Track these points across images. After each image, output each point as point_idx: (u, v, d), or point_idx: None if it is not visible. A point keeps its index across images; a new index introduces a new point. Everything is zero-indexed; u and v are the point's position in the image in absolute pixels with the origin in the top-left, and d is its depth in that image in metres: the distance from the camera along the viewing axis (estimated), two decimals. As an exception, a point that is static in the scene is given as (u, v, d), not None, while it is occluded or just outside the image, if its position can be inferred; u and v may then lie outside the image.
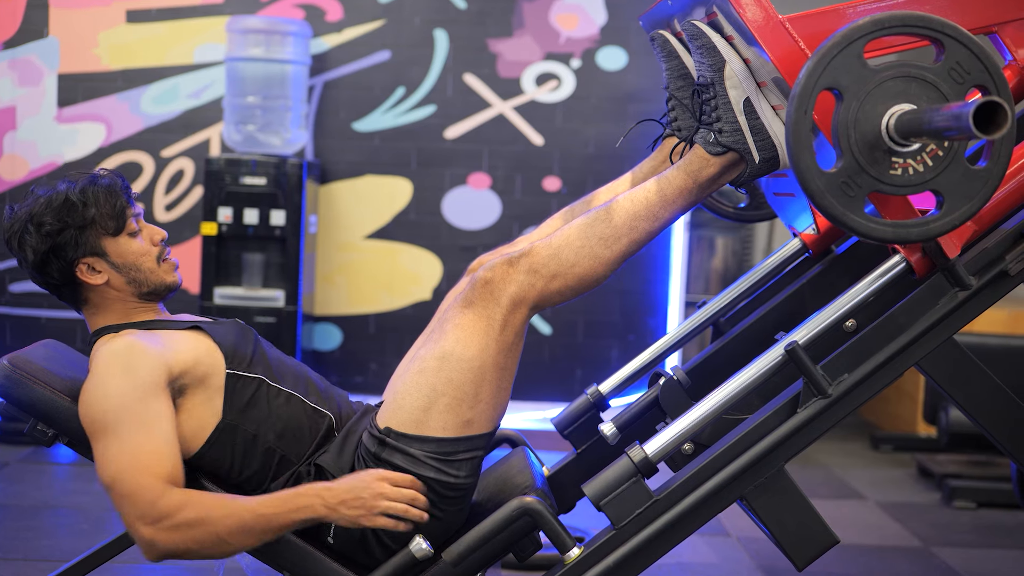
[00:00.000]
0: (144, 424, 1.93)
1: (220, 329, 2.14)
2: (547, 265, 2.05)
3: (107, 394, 1.95)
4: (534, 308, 2.08)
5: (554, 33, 4.64)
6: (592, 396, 2.63)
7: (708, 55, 2.07)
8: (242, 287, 4.26)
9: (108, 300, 2.13)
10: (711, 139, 2.09)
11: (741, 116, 2.07)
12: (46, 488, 3.83)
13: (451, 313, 2.07)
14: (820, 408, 1.99)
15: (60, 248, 2.07)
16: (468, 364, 2.03)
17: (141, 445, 1.91)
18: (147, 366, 1.98)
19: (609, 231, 2.08)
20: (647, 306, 4.71)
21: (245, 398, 2.08)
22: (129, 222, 2.12)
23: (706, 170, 2.10)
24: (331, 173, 4.65)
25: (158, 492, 1.89)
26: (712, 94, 2.08)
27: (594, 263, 2.07)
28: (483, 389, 2.05)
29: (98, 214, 2.08)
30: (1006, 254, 2.03)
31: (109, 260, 2.10)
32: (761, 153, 2.08)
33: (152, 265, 2.13)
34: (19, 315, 4.59)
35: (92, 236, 2.08)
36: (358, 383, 4.64)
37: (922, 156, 1.77)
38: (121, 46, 4.57)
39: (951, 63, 1.75)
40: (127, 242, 2.11)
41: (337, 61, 4.63)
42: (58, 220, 2.07)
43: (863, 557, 3.34)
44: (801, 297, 2.57)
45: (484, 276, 2.05)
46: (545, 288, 2.06)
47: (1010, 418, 2.10)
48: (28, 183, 4.56)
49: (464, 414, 2.05)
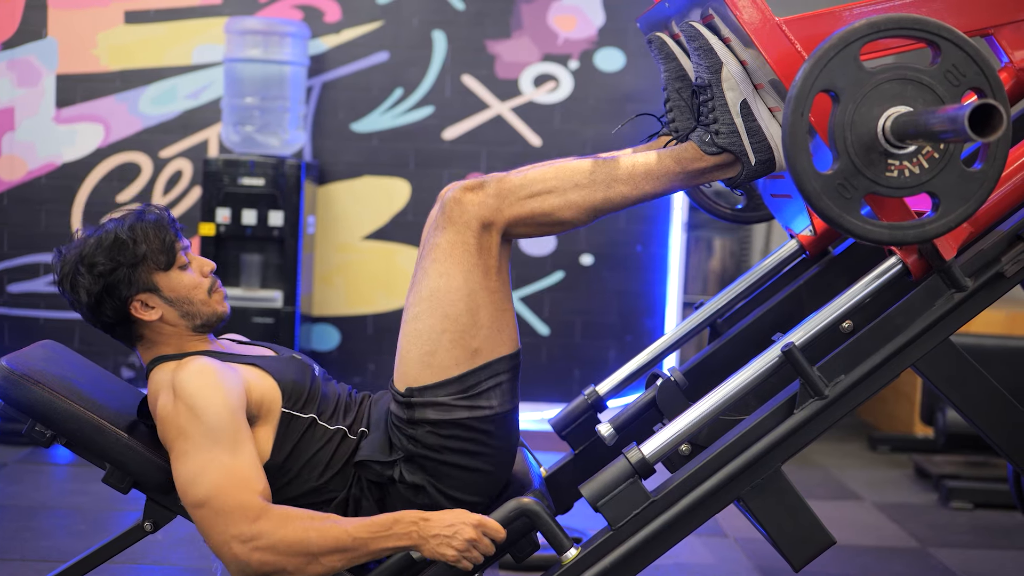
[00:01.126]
0: (238, 442, 1.94)
1: (279, 365, 2.13)
2: (515, 192, 2.05)
3: (198, 410, 1.94)
4: (504, 234, 2.07)
5: (552, 34, 4.64)
6: (590, 397, 2.63)
7: (705, 57, 2.08)
8: (240, 288, 4.26)
9: (163, 335, 2.13)
10: (707, 139, 2.09)
11: (738, 118, 2.07)
12: (44, 489, 3.83)
13: (428, 247, 2.07)
14: (817, 409, 2.00)
15: (113, 287, 2.07)
16: (456, 294, 2.03)
17: (237, 462, 1.92)
18: (234, 387, 1.98)
19: (586, 180, 2.08)
20: (645, 307, 4.71)
21: (294, 441, 2.07)
22: (179, 256, 2.12)
23: (697, 162, 2.10)
24: (329, 174, 4.66)
25: (258, 510, 1.89)
26: (709, 96, 2.09)
27: (564, 203, 2.07)
28: (480, 314, 2.05)
29: (149, 250, 2.08)
30: (1002, 256, 2.03)
31: (162, 295, 2.10)
32: (757, 155, 2.09)
33: (204, 297, 2.13)
34: (17, 316, 4.59)
35: (144, 273, 2.08)
36: (357, 383, 4.64)
37: (918, 158, 1.77)
38: (119, 47, 4.57)
39: (947, 65, 1.75)
40: (178, 276, 2.12)
41: (335, 62, 4.63)
42: (109, 259, 2.07)
43: (860, 558, 3.34)
44: (798, 298, 2.57)
45: (454, 196, 2.05)
46: (513, 215, 2.05)
47: (1006, 419, 2.10)
48: (26, 184, 4.56)
49: (470, 343, 2.04)
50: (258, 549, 1.88)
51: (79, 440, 2.06)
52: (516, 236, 2.10)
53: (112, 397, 2.19)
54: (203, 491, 1.90)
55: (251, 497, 1.90)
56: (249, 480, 1.92)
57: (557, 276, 4.69)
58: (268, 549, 1.88)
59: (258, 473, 1.95)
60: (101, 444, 2.06)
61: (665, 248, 4.69)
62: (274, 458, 2.05)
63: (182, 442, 1.94)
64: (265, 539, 1.88)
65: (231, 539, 1.89)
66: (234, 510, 1.89)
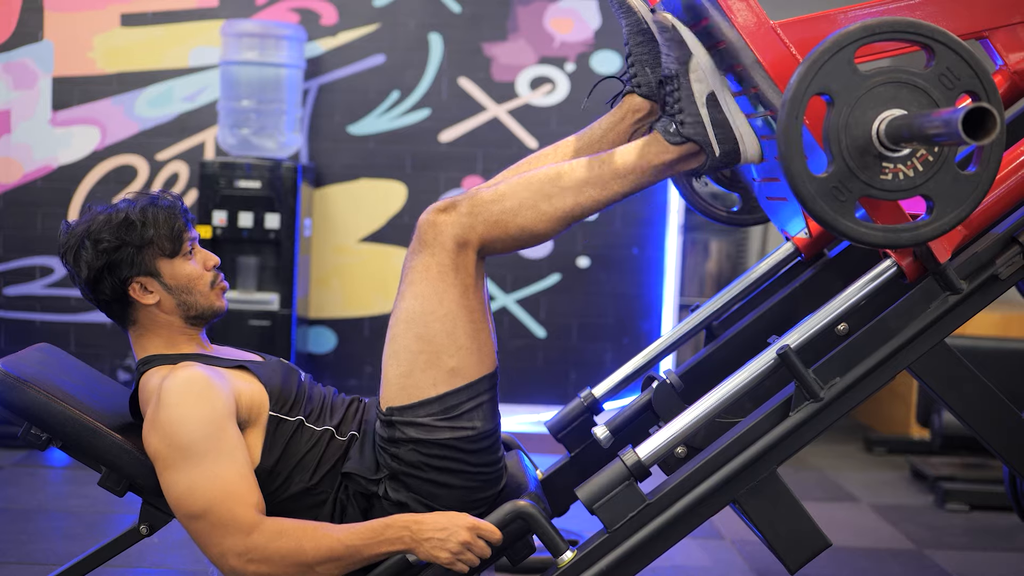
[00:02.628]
0: (228, 453, 1.94)
1: (266, 370, 2.13)
2: (488, 209, 2.05)
3: (187, 422, 1.94)
4: (480, 251, 2.07)
5: (548, 37, 4.65)
6: (586, 400, 2.63)
7: (675, 48, 2.08)
8: (237, 290, 4.26)
9: (156, 323, 2.13)
10: (672, 129, 2.09)
11: (703, 109, 2.07)
12: (40, 492, 3.83)
13: (405, 270, 2.08)
14: (812, 412, 2.00)
15: (115, 265, 2.08)
16: (432, 315, 2.03)
17: (229, 474, 1.92)
18: (221, 396, 1.98)
19: (556, 190, 2.07)
20: (641, 309, 4.71)
21: (283, 444, 2.07)
22: (185, 245, 2.12)
23: (663, 155, 2.10)
24: (326, 176, 4.66)
25: (252, 524, 1.90)
26: (676, 86, 2.09)
27: (536, 217, 2.06)
28: (457, 334, 2.04)
29: (156, 235, 2.09)
30: (996, 258, 2.04)
31: (162, 281, 2.11)
32: (722, 146, 2.08)
33: (204, 289, 2.13)
34: (13, 318, 4.58)
35: (148, 256, 2.09)
36: (353, 386, 4.64)
37: (912, 161, 1.78)
38: (116, 49, 4.57)
39: (941, 69, 1.76)
40: (182, 264, 2.12)
41: (332, 65, 4.64)
42: (116, 238, 2.08)
43: (856, 560, 3.35)
44: (794, 301, 2.58)
45: (427, 219, 2.05)
46: (487, 233, 2.05)
47: (1001, 421, 2.11)
48: (22, 186, 4.56)
49: (446, 364, 2.04)
50: (253, 561, 1.90)
51: (75, 443, 2.06)
52: (493, 252, 2.10)
53: (108, 400, 2.19)
54: (197, 506, 1.91)
55: (245, 511, 1.91)
56: (242, 494, 1.92)
57: (554, 278, 4.70)
58: (263, 561, 1.90)
59: (250, 485, 1.95)
60: (97, 447, 2.06)
61: (661, 250, 4.70)
62: (264, 462, 2.06)
63: (171, 454, 1.94)
64: (260, 552, 1.89)
65: (227, 552, 1.90)
66: (228, 524, 1.90)
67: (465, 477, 2.06)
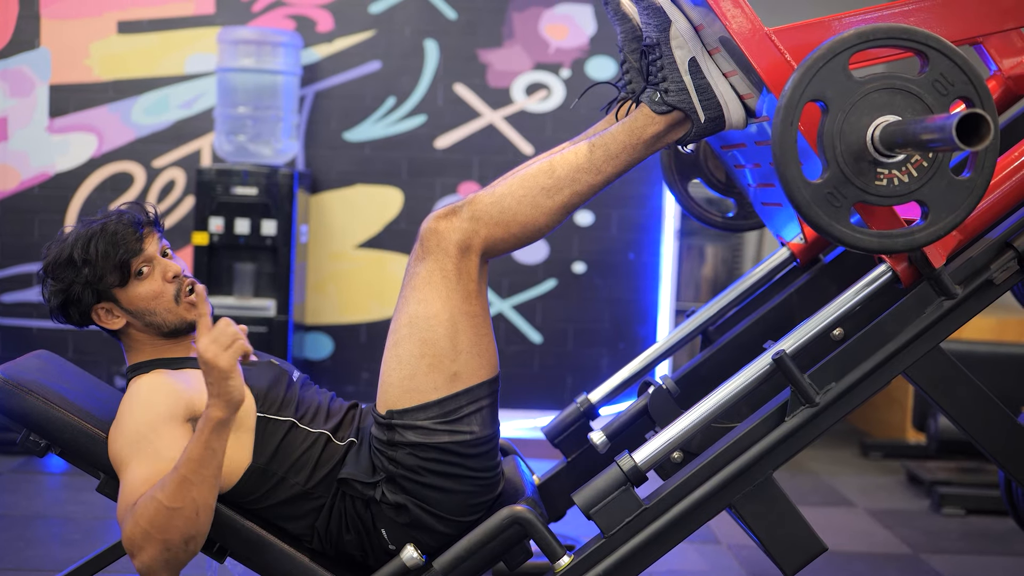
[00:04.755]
0: (150, 455, 1.92)
1: (253, 371, 2.13)
2: (489, 212, 2.07)
3: (125, 430, 1.96)
4: (484, 254, 2.09)
5: (544, 43, 4.66)
6: (582, 405, 2.64)
7: (654, 16, 2.09)
8: (233, 296, 4.27)
9: (137, 341, 2.14)
10: (657, 98, 2.10)
11: (687, 76, 2.09)
12: (37, 498, 3.83)
13: (408, 276, 2.09)
14: (808, 416, 2.01)
15: (72, 301, 2.10)
16: (435, 320, 2.04)
17: (142, 477, 1.90)
18: (165, 401, 1.98)
19: (551, 182, 2.09)
20: (637, 314, 4.72)
21: (275, 442, 2.08)
22: (135, 268, 2.09)
23: (650, 128, 2.11)
24: (322, 183, 4.67)
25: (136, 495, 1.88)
26: (658, 54, 2.10)
27: (536, 212, 2.08)
28: (459, 339, 2.06)
29: (97, 272, 2.08)
30: (991, 263, 2.05)
31: (122, 307, 2.11)
32: (706, 112, 2.10)
33: (168, 305, 2.12)
34: (11, 325, 4.59)
35: (101, 288, 2.09)
36: (350, 392, 4.65)
37: (907, 167, 1.78)
38: (112, 57, 4.58)
39: (935, 75, 1.76)
40: (135, 288, 2.10)
41: (328, 71, 4.64)
42: (62, 279, 2.09)
43: (852, 564, 3.35)
44: (789, 306, 2.58)
45: (430, 226, 2.07)
46: (489, 235, 2.07)
47: (997, 425, 2.11)
48: (20, 193, 4.57)
49: (448, 368, 2.05)
50: (141, 548, 1.84)
51: (73, 449, 2.06)
52: (497, 254, 2.11)
53: (106, 406, 2.19)
54: (117, 514, 1.92)
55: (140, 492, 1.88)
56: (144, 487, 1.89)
57: (550, 284, 4.70)
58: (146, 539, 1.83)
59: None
60: (95, 453, 2.06)
61: (657, 256, 4.71)
62: (256, 461, 2.06)
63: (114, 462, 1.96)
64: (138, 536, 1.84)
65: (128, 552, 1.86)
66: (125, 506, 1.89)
67: (463, 482, 2.06)
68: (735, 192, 2.72)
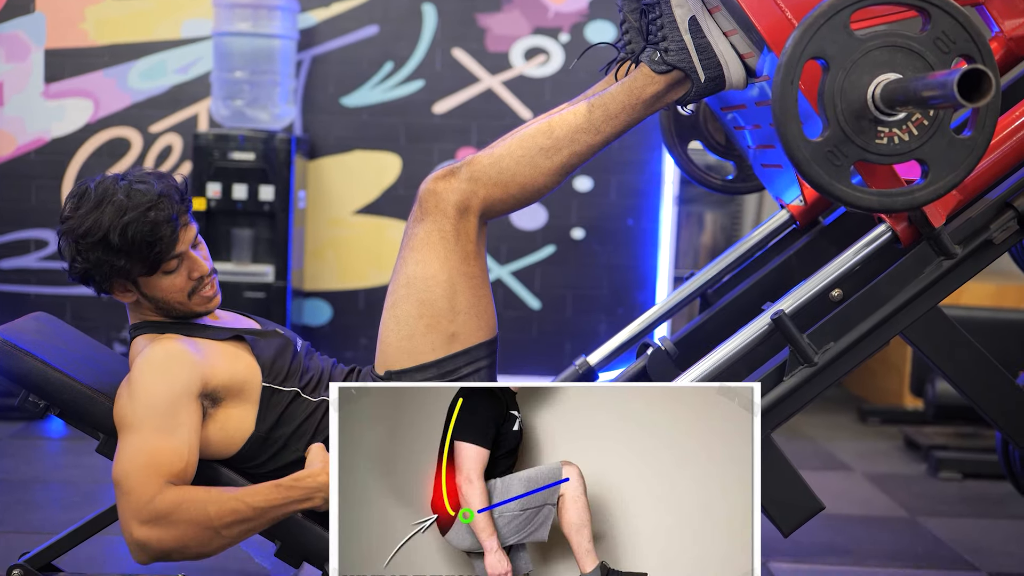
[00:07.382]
0: (166, 429, 1.92)
1: (260, 342, 2.12)
2: (487, 173, 2.07)
3: (139, 394, 1.95)
4: (482, 215, 2.09)
5: (543, 7, 4.63)
6: (581, 367, 2.64)
7: None
8: (231, 262, 4.26)
9: (143, 308, 2.13)
10: (656, 57, 2.09)
11: (687, 35, 2.08)
12: (37, 462, 3.84)
13: (406, 237, 2.09)
14: (806, 376, 2.01)
15: (93, 272, 2.05)
16: (434, 280, 2.05)
17: (157, 447, 1.91)
18: (183, 374, 1.97)
19: (550, 142, 2.09)
20: (636, 280, 4.72)
21: (278, 412, 2.08)
22: (165, 264, 2.05)
23: (650, 87, 2.11)
24: (320, 148, 4.65)
25: (155, 490, 1.88)
26: (658, 13, 2.09)
27: (534, 172, 2.09)
28: (457, 300, 2.06)
29: (131, 262, 2.02)
30: (991, 223, 2.05)
31: (139, 290, 2.09)
32: (706, 72, 2.09)
33: (182, 299, 2.10)
34: (8, 291, 4.58)
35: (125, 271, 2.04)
36: (349, 358, 4.65)
37: (908, 125, 1.78)
38: (108, 21, 4.55)
39: (937, 32, 1.76)
40: (158, 280, 2.07)
41: (325, 36, 4.62)
42: (88, 258, 2.02)
43: (850, 527, 3.37)
44: (788, 268, 2.58)
45: (428, 187, 2.07)
46: (488, 196, 2.07)
47: (995, 386, 2.12)
48: (16, 159, 4.55)
49: (447, 328, 2.06)
50: (152, 525, 1.87)
51: (72, 410, 2.07)
52: (496, 215, 2.11)
53: (105, 368, 2.19)
54: (118, 471, 1.91)
55: (152, 480, 1.88)
56: (162, 465, 1.90)
57: (548, 250, 4.70)
58: (167, 525, 1.87)
59: (176, 457, 1.92)
60: (95, 414, 2.06)
61: (656, 222, 4.70)
62: (258, 430, 2.07)
63: (119, 420, 1.96)
64: (161, 516, 1.87)
65: (130, 519, 1.88)
66: (134, 490, 1.88)
67: None
68: (734, 155, 2.71)
